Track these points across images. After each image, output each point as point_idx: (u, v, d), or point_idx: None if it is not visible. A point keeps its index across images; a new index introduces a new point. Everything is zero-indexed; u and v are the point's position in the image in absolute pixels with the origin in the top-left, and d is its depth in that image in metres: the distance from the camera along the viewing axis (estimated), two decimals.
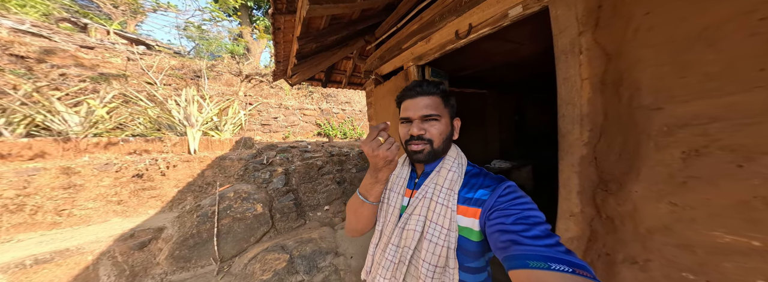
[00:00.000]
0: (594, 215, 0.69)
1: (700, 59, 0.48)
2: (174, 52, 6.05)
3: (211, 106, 4.16)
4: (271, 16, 1.31)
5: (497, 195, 0.43)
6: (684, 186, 0.51)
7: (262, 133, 5.35)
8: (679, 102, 0.51)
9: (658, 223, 0.56)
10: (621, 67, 0.60)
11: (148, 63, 4.45)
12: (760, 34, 0.42)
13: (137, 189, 2.56)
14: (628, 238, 0.62)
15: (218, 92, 4.97)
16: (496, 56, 2.01)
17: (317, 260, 1.91)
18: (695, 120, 0.49)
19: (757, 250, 0.44)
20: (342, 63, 2.63)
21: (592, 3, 0.66)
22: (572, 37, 0.72)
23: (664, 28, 0.52)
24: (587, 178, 0.70)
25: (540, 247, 0.32)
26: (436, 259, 0.45)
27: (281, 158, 3.42)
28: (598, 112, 0.66)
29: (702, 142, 0.49)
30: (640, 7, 0.56)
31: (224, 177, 2.96)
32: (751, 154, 0.44)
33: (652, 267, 0.58)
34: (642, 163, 0.57)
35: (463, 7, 1.09)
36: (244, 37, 7.52)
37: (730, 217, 0.46)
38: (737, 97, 0.45)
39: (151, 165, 2.68)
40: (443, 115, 0.50)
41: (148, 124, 3.51)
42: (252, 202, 2.51)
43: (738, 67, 0.44)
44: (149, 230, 2.14)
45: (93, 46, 3.99)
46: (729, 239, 0.47)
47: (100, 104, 3.24)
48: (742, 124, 0.44)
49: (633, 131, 0.59)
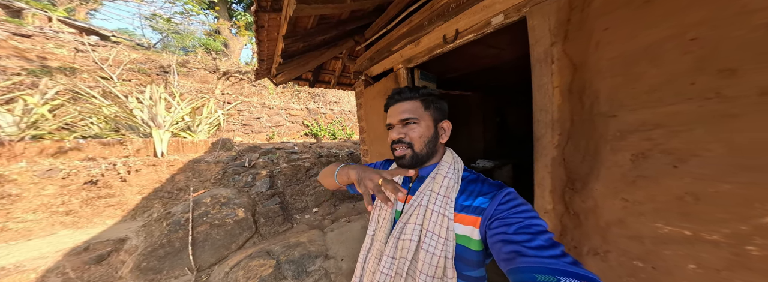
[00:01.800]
0: (563, 212, 0.77)
1: (645, 73, 0.56)
2: (136, 44, 5.61)
3: (182, 104, 3.93)
4: (254, 14, 1.28)
5: (497, 203, 0.43)
6: (634, 184, 0.59)
7: (243, 134, 5.16)
8: (629, 110, 0.59)
9: (614, 218, 0.64)
10: (585, 77, 0.68)
11: (103, 55, 4.07)
12: (691, 53, 0.50)
13: (91, 197, 2.34)
14: (591, 232, 0.70)
15: (190, 90, 4.71)
16: (481, 60, 2.11)
17: (306, 264, 1.91)
18: (642, 126, 0.57)
19: (688, 238, 0.52)
20: (331, 63, 2.64)
21: (562, 16, 0.74)
22: (546, 47, 0.79)
23: (618, 43, 0.60)
24: (558, 177, 0.78)
25: (546, 259, 0.32)
26: (434, 269, 0.44)
27: (265, 160, 3.35)
28: (566, 117, 0.74)
29: (647, 146, 0.57)
30: (601, 23, 0.64)
31: (199, 181, 2.84)
32: (683, 157, 0.52)
33: (610, 257, 0.67)
34: (601, 164, 0.65)
35: (451, 13, 1.16)
36: (222, 34, 7.09)
37: (669, 211, 0.55)
38: (674, 108, 0.53)
39: (107, 170, 2.47)
40: (422, 118, 0.51)
41: (104, 124, 3.20)
42: (232, 207, 2.44)
43: (674, 81, 0.52)
44: (108, 242, 2.00)
45: (30, 35, 3.61)
46: (668, 230, 0.55)
47: (40, 101, 2.88)
48: (677, 130, 0.52)
49: (594, 135, 0.67)
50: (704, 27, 0.48)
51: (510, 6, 0.89)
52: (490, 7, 0.96)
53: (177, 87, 4.57)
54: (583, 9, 0.67)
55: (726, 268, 0.47)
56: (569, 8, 0.71)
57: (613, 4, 0.61)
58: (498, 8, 0.93)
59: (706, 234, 0.49)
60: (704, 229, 0.50)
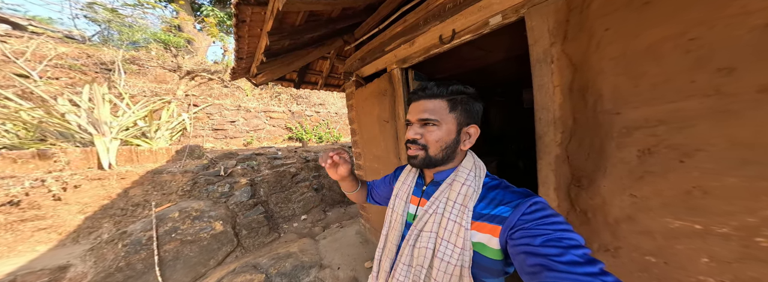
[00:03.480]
0: (569, 209, 0.78)
1: (647, 71, 0.59)
2: (65, 37, 4.75)
3: (135, 107, 3.53)
4: (235, 7, 1.18)
5: (520, 212, 0.40)
6: (641, 180, 0.61)
7: (214, 139, 4.76)
8: (633, 107, 0.61)
9: (623, 214, 0.66)
10: (586, 76, 0.70)
11: (18, 48, 3.41)
12: (691, 52, 0.53)
13: (12, 221, 1.97)
14: (600, 229, 0.71)
15: (144, 91, 4.19)
16: (468, 62, 2.17)
17: (300, 276, 1.80)
18: (646, 123, 0.60)
19: (698, 232, 0.55)
20: (318, 63, 2.57)
21: (561, 17, 0.76)
22: (545, 48, 0.81)
23: (620, 43, 0.63)
24: (562, 175, 0.79)
25: (579, 276, 0.29)
26: (449, 278, 0.43)
27: (244, 167, 3.14)
28: (568, 115, 0.76)
29: (652, 142, 0.59)
30: (601, 23, 0.67)
31: (162, 195, 2.55)
32: (689, 151, 0.54)
33: (621, 253, 0.68)
34: (607, 160, 0.67)
35: (447, 13, 1.16)
36: (185, 30, 6.33)
37: (677, 206, 0.57)
38: (676, 105, 0.55)
39: (33, 187, 2.08)
40: (445, 121, 0.47)
41: (24, 132, 2.68)
42: (207, 220, 2.25)
43: (676, 79, 0.55)
44: (43, 271, 1.71)
45: None
46: (678, 224, 0.57)
47: None
48: (681, 126, 0.55)
49: (598, 133, 0.69)
50: (703, 27, 0.51)
51: (508, 7, 0.91)
52: (488, 8, 0.97)
53: (125, 87, 4.02)
54: (582, 10, 0.70)
55: (737, 260, 0.50)
56: (568, 9, 0.73)
57: (613, 5, 0.63)
58: (496, 9, 0.95)
59: (716, 227, 0.52)
60: (714, 222, 0.52)
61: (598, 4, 0.66)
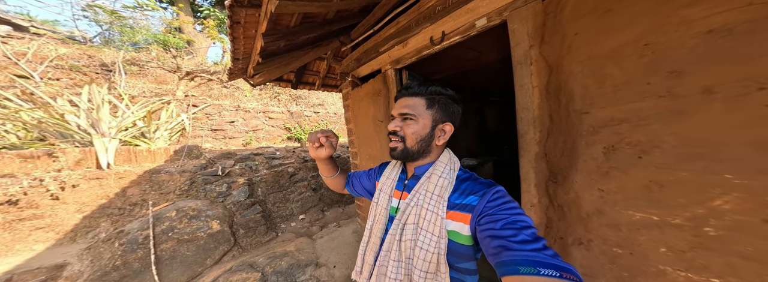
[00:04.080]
0: (548, 204, 0.83)
1: (611, 74, 0.64)
2: (67, 38, 4.91)
3: (134, 108, 3.61)
4: (228, 8, 1.23)
5: (486, 200, 0.46)
6: (607, 175, 0.66)
7: (213, 139, 4.83)
8: (599, 107, 0.67)
9: (593, 208, 0.71)
10: (560, 78, 0.75)
11: (19, 49, 3.52)
12: (646, 56, 0.58)
13: (10, 220, 2.04)
14: (574, 223, 0.76)
15: (144, 91, 4.28)
16: (463, 63, 2.23)
17: (296, 274, 1.85)
18: (611, 122, 0.65)
19: (656, 223, 0.60)
20: (315, 63, 2.63)
21: (539, 20, 0.82)
22: (525, 50, 0.87)
23: (587, 47, 0.68)
24: (541, 172, 0.84)
25: (528, 252, 0.35)
26: (427, 265, 0.47)
27: (242, 167, 3.21)
28: (545, 115, 0.81)
29: (616, 140, 0.64)
30: (572, 28, 0.72)
31: (160, 194, 2.61)
32: (646, 148, 0.59)
33: (593, 246, 0.73)
34: (578, 157, 0.72)
35: (437, 16, 1.22)
36: (185, 31, 6.51)
37: (638, 199, 0.62)
38: (635, 105, 0.60)
39: (32, 187, 2.15)
40: (421, 116, 0.53)
41: (24, 132, 2.76)
42: (204, 219, 2.31)
43: (634, 81, 0.60)
44: (40, 270, 1.77)
45: None
46: (639, 216, 0.62)
47: None
48: (639, 125, 0.60)
49: (571, 131, 0.74)
50: (655, 34, 0.56)
51: (492, 10, 0.96)
52: (474, 11, 1.03)
53: (125, 88, 4.09)
54: (556, 15, 0.75)
55: (690, 250, 0.55)
56: (544, 13, 0.79)
57: (581, 11, 0.69)
58: (481, 12, 1.00)
59: (671, 218, 0.57)
60: (669, 213, 0.57)
61: (570, 9, 0.72)
